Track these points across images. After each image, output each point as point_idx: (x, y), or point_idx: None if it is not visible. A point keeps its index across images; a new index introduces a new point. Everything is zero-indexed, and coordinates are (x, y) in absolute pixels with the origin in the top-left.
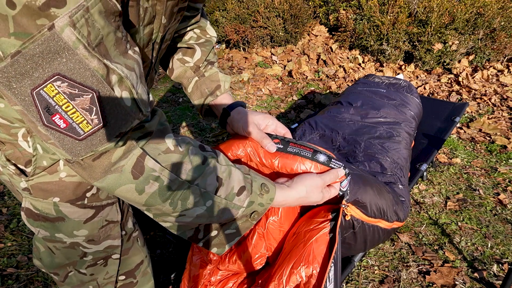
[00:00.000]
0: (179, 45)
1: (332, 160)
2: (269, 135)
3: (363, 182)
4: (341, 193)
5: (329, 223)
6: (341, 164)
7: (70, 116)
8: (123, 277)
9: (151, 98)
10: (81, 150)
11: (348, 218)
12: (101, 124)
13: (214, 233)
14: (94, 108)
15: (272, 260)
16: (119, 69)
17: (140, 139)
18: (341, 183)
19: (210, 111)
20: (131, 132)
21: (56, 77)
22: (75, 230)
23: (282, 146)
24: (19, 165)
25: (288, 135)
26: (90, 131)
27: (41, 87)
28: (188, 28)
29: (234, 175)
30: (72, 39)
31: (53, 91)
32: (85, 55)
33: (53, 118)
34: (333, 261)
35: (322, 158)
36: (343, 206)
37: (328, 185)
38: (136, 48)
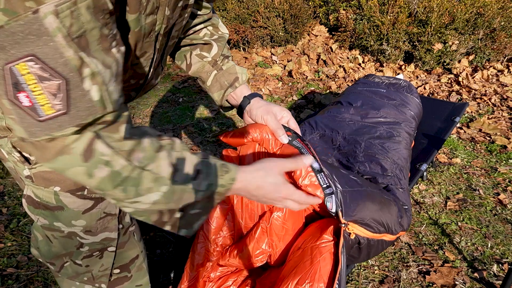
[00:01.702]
0: (195, 41)
1: (322, 174)
2: (283, 126)
3: (362, 199)
4: (333, 214)
5: (334, 243)
6: (328, 182)
7: (35, 96)
8: (117, 271)
9: (121, 99)
10: (38, 131)
11: (352, 236)
12: (63, 111)
13: (178, 214)
14: (60, 95)
15: (273, 261)
16: (93, 63)
17: (96, 125)
18: (325, 203)
19: (228, 102)
20: None
21: (30, 57)
22: (73, 220)
23: (290, 139)
24: (23, 153)
25: (297, 130)
26: (51, 115)
27: (14, 63)
28: (202, 25)
29: (189, 160)
30: (53, 27)
31: (24, 69)
32: (62, 44)
33: (18, 95)
34: (337, 282)
35: (315, 164)
36: (343, 225)
37: (309, 193)
38: (122, 48)
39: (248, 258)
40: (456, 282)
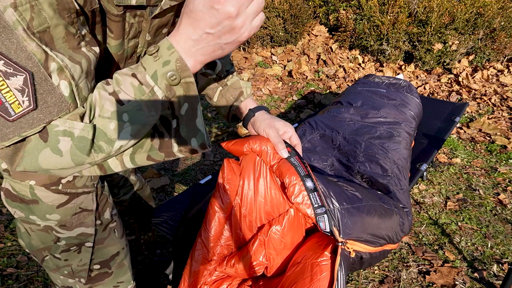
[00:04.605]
0: None
1: (315, 193)
2: (284, 142)
3: (361, 215)
4: (328, 234)
5: (334, 261)
6: (320, 202)
7: (4, 95)
8: (98, 266)
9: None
10: (10, 132)
11: (352, 255)
12: (32, 107)
13: (174, 123)
14: (26, 90)
15: (270, 273)
16: (59, 57)
17: None
18: (318, 223)
19: (235, 115)
20: None
21: None
22: (47, 214)
23: (289, 155)
24: None
25: (299, 146)
26: (21, 113)
27: None
28: None
29: (121, 76)
30: (13, 19)
31: None
32: (23, 37)
33: None
34: None
35: (308, 183)
36: (340, 244)
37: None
38: (96, 49)
39: (244, 269)
40: (456, 282)
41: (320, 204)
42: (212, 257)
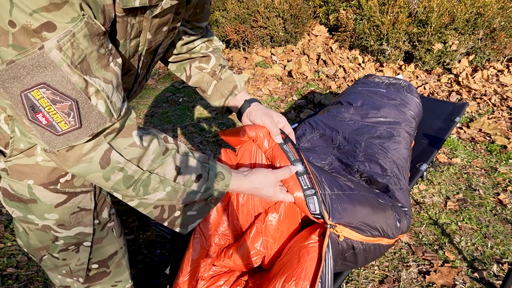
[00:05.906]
0: (193, 55)
1: (305, 176)
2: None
3: (352, 202)
4: (318, 216)
5: (321, 244)
6: (310, 184)
7: (51, 116)
8: (96, 266)
9: (125, 105)
10: (58, 143)
11: (341, 239)
12: (77, 126)
13: (177, 213)
14: (72, 113)
15: (267, 263)
16: (96, 83)
17: (107, 134)
18: (308, 205)
19: (228, 108)
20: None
21: (42, 85)
22: (45, 213)
23: (282, 142)
24: None
25: (292, 135)
26: (67, 130)
27: (29, 90)
28: (199, 41)
29: (192, 164)
30: (58, 59)
31: (38, 95)
32: (68, 72)
33: (37, 116)
34: (320, 280)
35: (298, 167)
36: (329, 226)
37: (287, 190)
38: (119, 60)
39: (242, 259)
40: (456, 282)
41: (309, 186)
42: (210, 247)
